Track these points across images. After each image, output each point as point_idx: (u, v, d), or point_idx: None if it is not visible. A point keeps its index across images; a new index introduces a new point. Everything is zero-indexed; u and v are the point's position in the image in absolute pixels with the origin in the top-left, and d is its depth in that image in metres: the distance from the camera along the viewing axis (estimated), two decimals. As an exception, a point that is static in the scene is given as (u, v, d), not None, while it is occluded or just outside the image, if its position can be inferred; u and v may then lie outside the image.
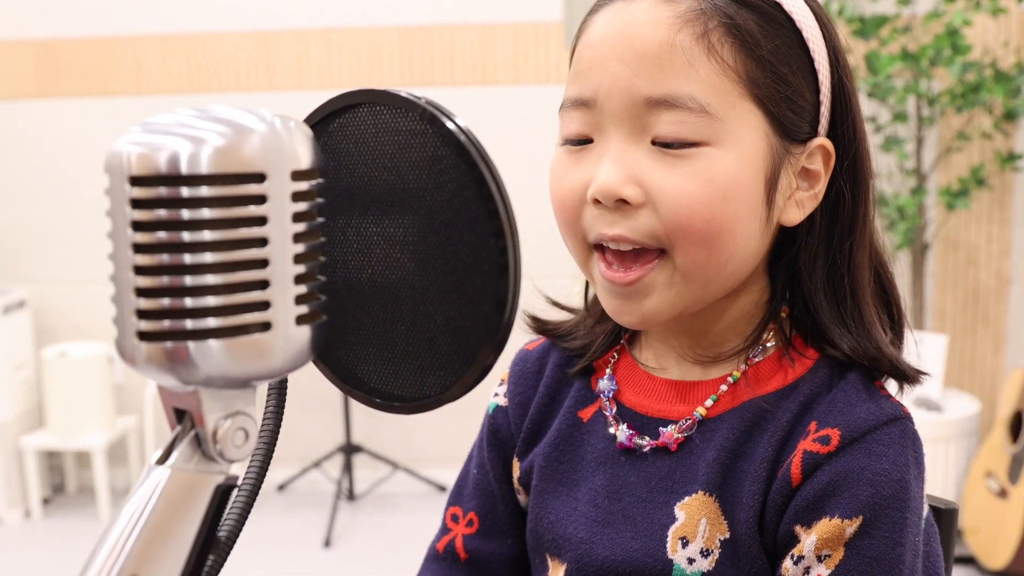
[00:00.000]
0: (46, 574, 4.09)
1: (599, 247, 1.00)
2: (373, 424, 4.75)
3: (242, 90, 4.59)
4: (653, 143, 0.96)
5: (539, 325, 1.18)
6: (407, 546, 4.20)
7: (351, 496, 4.64)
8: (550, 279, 1.13)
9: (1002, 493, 3.72)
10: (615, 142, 0.97)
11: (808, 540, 0.95)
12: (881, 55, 3.84)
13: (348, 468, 4.61)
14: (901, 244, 3.93)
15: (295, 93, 4.56)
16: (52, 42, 4.67)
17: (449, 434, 4.70)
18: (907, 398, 3.76)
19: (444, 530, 1.20)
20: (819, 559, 0.95)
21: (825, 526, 0.95)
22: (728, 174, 0.95)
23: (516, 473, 1.16)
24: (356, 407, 4.68)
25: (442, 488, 4.70)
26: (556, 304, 1.19)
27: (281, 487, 4.80)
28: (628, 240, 0.97)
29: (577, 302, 1.20)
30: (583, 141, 1.00)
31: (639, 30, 0.96)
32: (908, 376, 1.05)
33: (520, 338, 1.19)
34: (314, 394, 4.64)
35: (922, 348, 3.81)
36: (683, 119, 0.95)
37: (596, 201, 0.97)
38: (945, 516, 1.15)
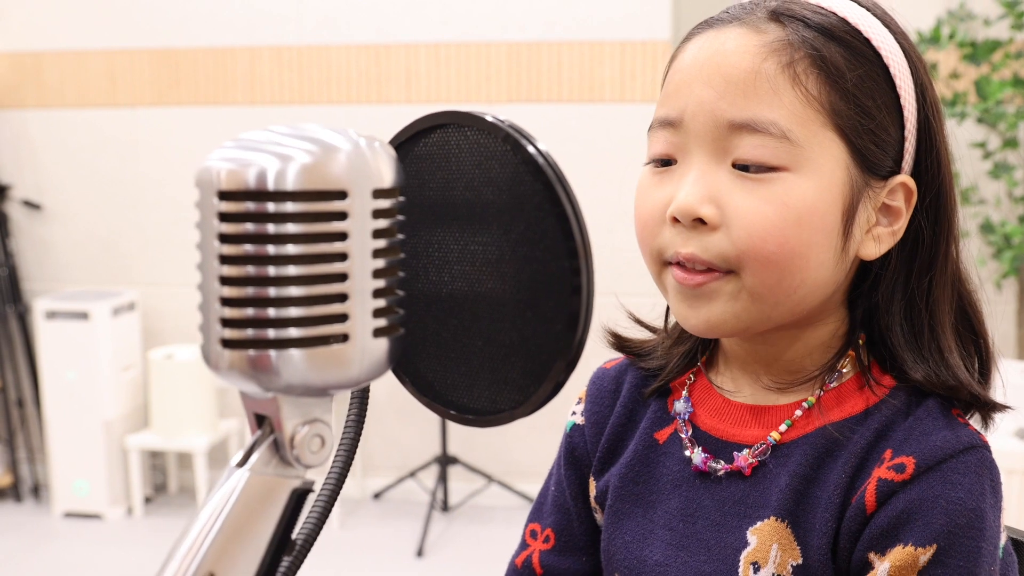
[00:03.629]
0: (145, 571, 4.18)
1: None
2: (469, 436, 4.78)
3: (352, 102, 4.67)
4: (734, 166, 0.98)
5: (619, 342, 1.19)
6: (499, 559, 4.19)
7: (445, 507, 4.68)
8: (639, 296, 1.15)
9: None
10: (697, 163, 1.00)
11: (881, 567, 0.95)
12: (992, 80, 3.78)
13: (443, 479, 4.64)
14: (1008, 272, 3.86)
15: (404, 106, 4.62)
16: (170, 52, 4.79)
17: (544, 449, 4.71)
18: (1005, 429, 3.69)
19: (523, 545, 1.22)
20: None
21: (899, 554, 0.95)
22: (805, 200, 0.97)
23: (592, 492, 1.18)
24: (453, 419, 4.70)
25: (536, 502, 4.70)
26: (638, 321, 1.21)
27: (376, 495, 4.85)
28: (700, 260, 0.99)
29: (659, 321, 1.21)
30: (667, 161, 1.03)
31: (727, 57, 0.99)
32: (989, 406, 1.04)
33: (598, 356, 1.20)
34: (412, 405, 4.67)
35: (1027, 379, 3.73)
36: (764, 143, 0.97)
37: (675, 220, 0.99)
38: (1025, 548, 1.15)
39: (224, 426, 4.77)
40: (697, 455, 1.08)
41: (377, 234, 0.65)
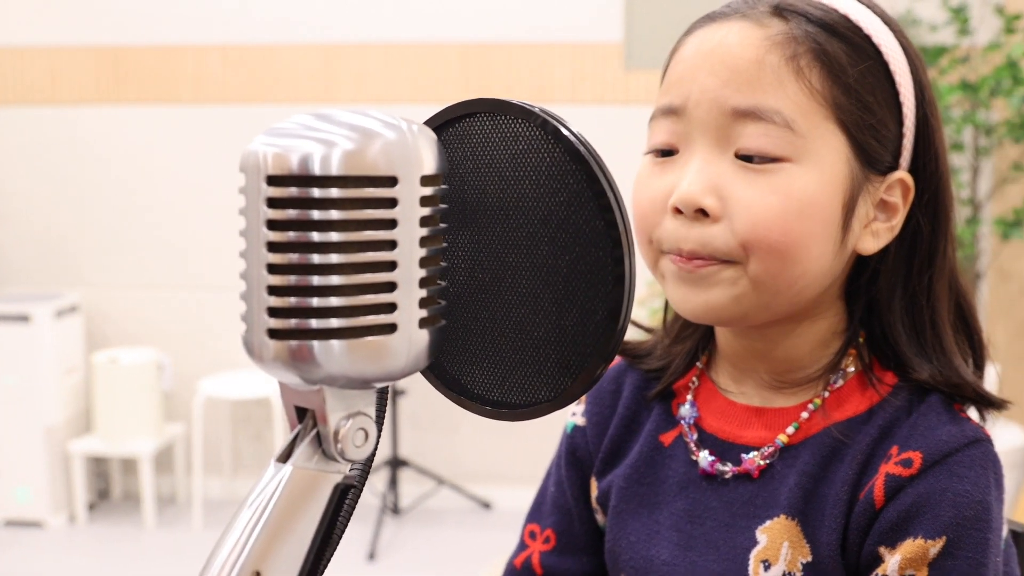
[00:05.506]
0: (91, 578, 4.13)
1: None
2: (420, 439, 4.77)
3: (301, 102, 4.63)
4: (736, 156, 0.98)
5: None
6: (451, 561, 4.21)
7: (396, 510, 4.65)
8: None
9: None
10: (700, 152, 0.99)
11: (892, 560, 0.96)
12: (939, 85, 3.83)
13: (394, 482, 4.62)
14: (956, 274, 3.92)
15: (353, 107, 4.58)
16: (114, 49, 4.72)
17: (495, 451, 4.70)
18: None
19: (521, 546, 1.20)
20: None
21: (909, 546, 0.96)
22: (807, 191, 0.97)
23: (594, 492, 1.17)
24: (403, 421, 4.69)
25: (486, 505, 4.70)
26: (635, 324, 1.20)
27: (325, 499, 4.80)
28: (700, 257, 0.98)
29: (652, 320, 1.21)
30: (668, 152, 1.02)
31: (731, 48, 0.99)
32: (993, 403, 1.06)
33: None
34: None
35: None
36: (767, 132, 0.97)
37: (676, 211, 0.99)
38: (1022, 539, 1.17)
39: (170, 431, 4.70)
40: (704, 458, 1.08)
41: (424, 222, 0.64)
